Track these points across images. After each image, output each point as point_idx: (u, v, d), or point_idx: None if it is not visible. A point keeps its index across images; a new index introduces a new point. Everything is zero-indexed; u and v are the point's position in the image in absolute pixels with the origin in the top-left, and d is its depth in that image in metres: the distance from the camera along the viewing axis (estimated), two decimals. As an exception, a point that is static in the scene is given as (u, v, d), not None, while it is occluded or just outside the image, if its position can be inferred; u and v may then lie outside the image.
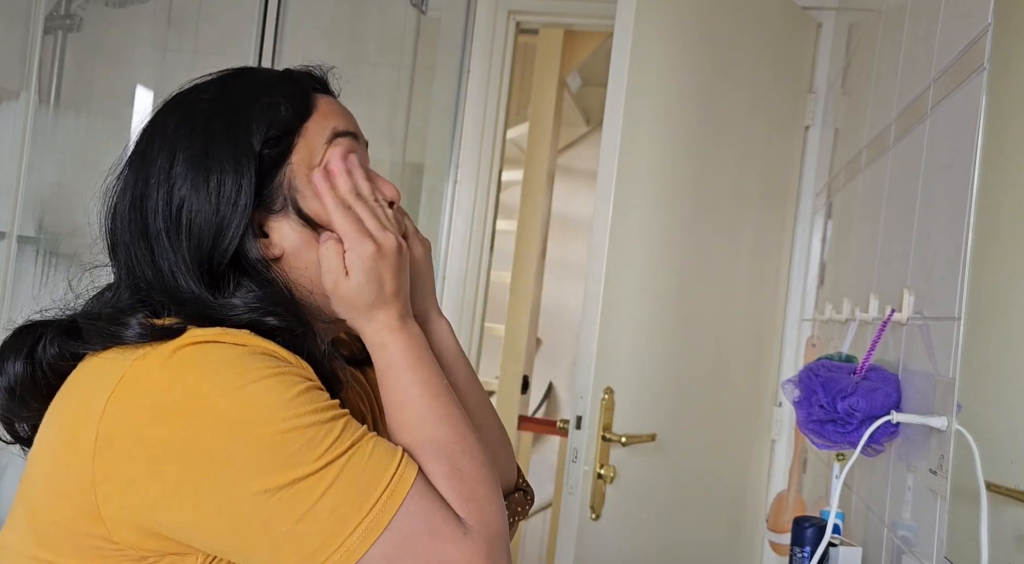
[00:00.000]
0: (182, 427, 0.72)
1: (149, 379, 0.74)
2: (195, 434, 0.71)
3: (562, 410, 4.83)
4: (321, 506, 0.71)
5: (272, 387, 0.74)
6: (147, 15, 2.47)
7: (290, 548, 0.71)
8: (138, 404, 0.73)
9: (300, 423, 0.73)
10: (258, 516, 0.71)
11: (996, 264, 0.98)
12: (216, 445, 0.71)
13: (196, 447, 0.71)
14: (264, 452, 0.71)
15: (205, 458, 0.71)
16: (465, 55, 2.71)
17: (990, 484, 0.91)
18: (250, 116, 0.84)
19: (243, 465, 0.71)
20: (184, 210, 0.82)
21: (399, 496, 0.74)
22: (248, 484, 0.71)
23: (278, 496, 0.71)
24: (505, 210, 3.18)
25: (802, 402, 1.28)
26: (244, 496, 0.71)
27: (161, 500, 0.72)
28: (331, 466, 0.72)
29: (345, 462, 0.73)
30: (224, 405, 0.72)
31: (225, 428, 0.72)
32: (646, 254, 2.01)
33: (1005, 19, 1.02)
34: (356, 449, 0.74)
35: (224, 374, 0.74)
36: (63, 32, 2.18)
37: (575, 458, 1.86)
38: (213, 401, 0.72)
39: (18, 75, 2.01)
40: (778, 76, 2.39)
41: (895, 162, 1.49)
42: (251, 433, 0.72)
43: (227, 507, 0.71)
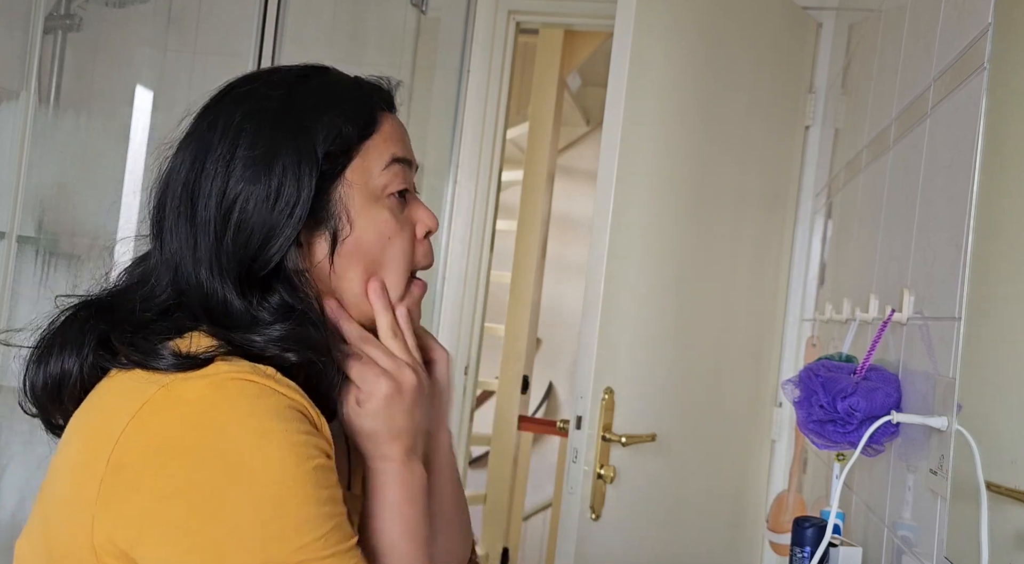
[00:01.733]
0: (197, 468, 0.70)
1: (172, 411, 0.72)
2: (208, 478, 0.70)
3: (562, 410, 4.83)
4: None
5: (293, 452, 0.72)
6: (147, 15, 2.46)
7: None
8: (157, 434, 0.72)
9: (305, 502, 0.72)
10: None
11: (996, 264, 0.98)
12: (226, 495, 0.70)
13: (207, 491, 0.70)
14: (267, 517, 0.70)
15: (212, 505, 0.70)
16: (465, 55, 2.71)
17: (990, 484, 0.91)
18: (317, 126, 0.83)
19: (245, 523, 0.70)
20: (237, 206, 0.80)
21: None
22: (243, 543, 0.70)
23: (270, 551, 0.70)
24: (505, 210, 3.18)
25: (802, 402, 1.28)
26: (236, 554, 0.70)
27: (155, 535, 0.71)
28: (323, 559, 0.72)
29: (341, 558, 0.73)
30: (245, 455, 0.71)
31: (240, 480, 0.70)
32: (646, 254, 2.01)
33: (1005, 19, 1.02)
34: (333, 559, 0.73)
35: (249, 421, 0.72)
36: (63, 32, 2.18)
37: (575, 458, 1.86)
38: (234, 447, 0.71)
39: (18, 75, 2.01)
40: (778, 76, 2.39)
41: (895, 162, 1.49)
42: (261, 493, 0.71)
43: (217, 559, 0.70)
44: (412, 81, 2.69)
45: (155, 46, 2.47)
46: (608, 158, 1.88)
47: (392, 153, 0.87)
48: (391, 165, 0.86)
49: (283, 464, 0.71)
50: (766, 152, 2.38)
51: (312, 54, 0.93)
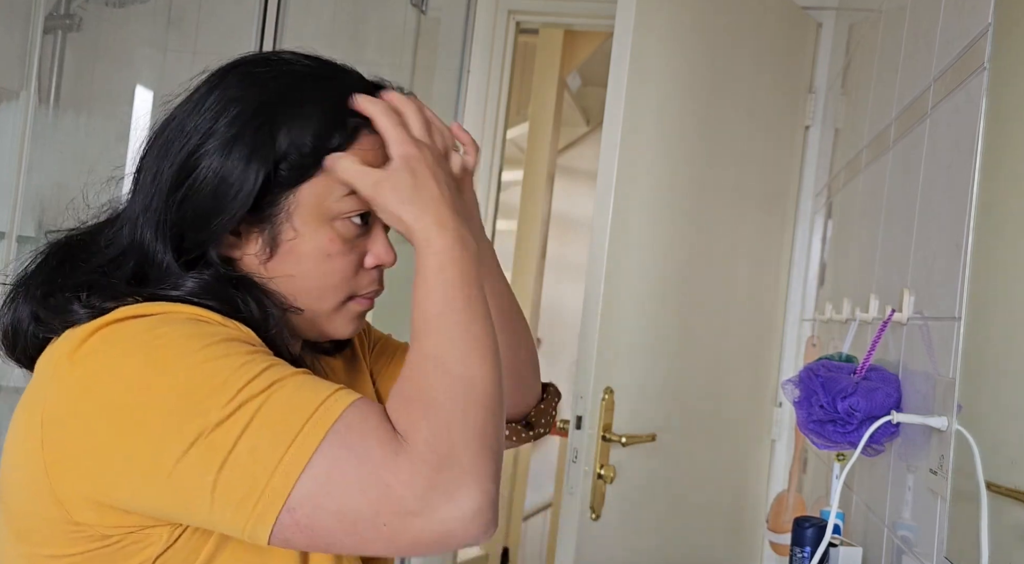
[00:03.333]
0: (106, 399, 0.71)
1: (74, 358, 0.74)
2: (117, 403, 0.71)
3: (562, 410, 4.83)
4: (240, 450, 0.67)
5: (183, 341, 0.73)
6: (147, 15, 2.47)
7: (223, 500, 0.68)
8: (69, 384, 0.73)
9: (210, 368, 0.71)
10: (185, 473, 0.68)
11: (996, 264, 0.98)
12: (134, 409, 0.70)
13: (119, 416, 0.70)
14: (177, 404, 0.69)
15: (128, 424, 0.70)
16: (465, 55, 2.71)
17: (990, 484, 0.91)
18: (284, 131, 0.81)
19: (160, 423, 0.69)
20: (192, 176, 0.80)
21: (321, 429, 0.68)
22: (169, 441, 0.69)
23: (197, 447, 0.68)
24: (505, 210, 3.18)
25: (802, 402, 1.28)
26: (168, 455, 0.69)
27: (101, 473, 0.71)
28: (245, 406, 0.69)
29: (263, 401, 0.69)
30: (137, 366, 0.71)
31: (139, 389, 0.71)
32: (646, 254, 2.01)
33: (1005, 19, 1.02)
34: (278, 387, 0.70)
35: (139, 338, 0.73)
36: (63, 32, 2.18)
37: (575, 458, 1.86)
38: (127, 364, 0.72)
39: (18, 75, 2.01)
40: (778, 76, 2.39)
41: (895, 162, 1.49)
42: (161, 388, 0.70)
43: (157, 470, 0.69)
44: (412, 81, 2.69)
45: (155, 46, 2.47)
46: (608, 158, 1.88)
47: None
48: (353, 195, 0.83)
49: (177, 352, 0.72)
50: (766, 152, 2.38)
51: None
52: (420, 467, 0.68)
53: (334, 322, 0.87)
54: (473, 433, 0.70)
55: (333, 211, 0.83)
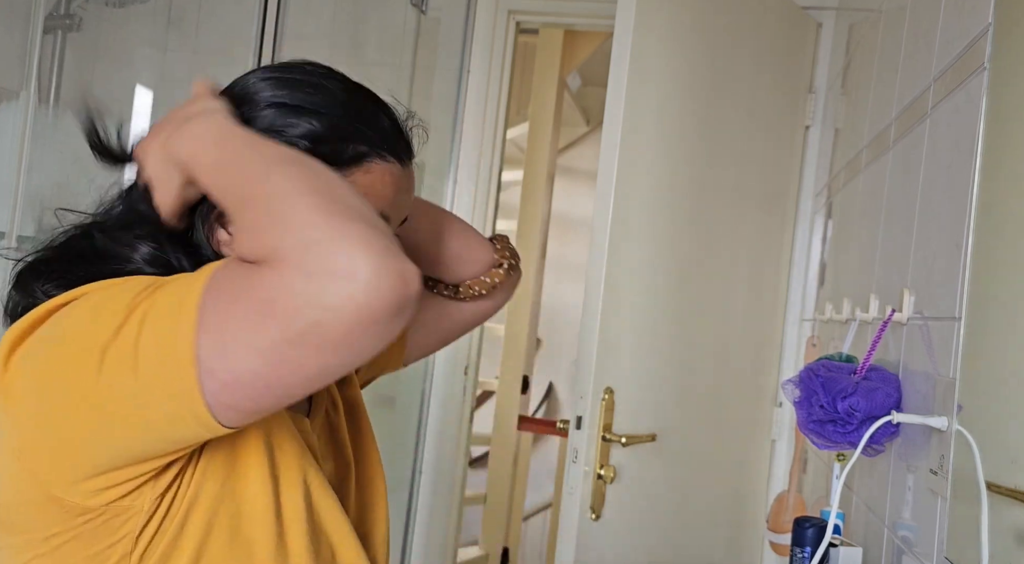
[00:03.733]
0: (33, 370, 0.73)
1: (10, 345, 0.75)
2: (41, 369, 0.72)
3: (562, 410, 4.83)
4: (143, 343, 0.67)
5: (83, 302, 0.74)
6: (147, 15, 2.47)
7: (154, 398, 0.68)
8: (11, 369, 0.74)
9: (105, 292, 0.73)
10: (111, 392, 0.69)
11: (996, 264, 0.98)
12: (52, 365, 0.71)
13: (44, 380, 0.72)
14: (83, 339, 0.70)
15: (53, 384, 0.71)
16: (465, 55, 2.71)
17: (990, 484, 0.91)
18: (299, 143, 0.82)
19: (74, 366, 0.70)
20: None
21: (196, 292, 0.67)
22: (84, 374, 0.69)
23: (106, 361, 0.68)
24: (505, 210, 3.18)
25: (802, 402, 1.28)
26: (89, 386, 0.69)
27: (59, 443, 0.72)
28: (139, 307, 0.69)
29: (150, 295, 0.69)
30: (50, 328, 0.73)
31: (52, 347, 0.72)
32: (646, 254, 2.01)
33: (1005, 19, 1.02)
34: (163, 282, 0.71)
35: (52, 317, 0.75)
36: (63, 32, 2.18)
37: (575, 458, 1.86)
38: (45, 333, 0.73)
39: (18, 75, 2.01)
40: (778, 76, 2.39)
41: (895, 162, 1.49)
42: (67, 334, 0.72)
43: (90, 406, 0.70)
44: (412, 81, 2.69)
45: (155, 46, 2.47)
46: (608, 158, 1.88)
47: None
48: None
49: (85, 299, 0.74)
50: (766, 152, 2.38)
51: (312, 54, 0.93)
52: (286, 269, 0.64)
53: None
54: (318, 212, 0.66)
55: None
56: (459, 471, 2.75)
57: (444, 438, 2.72)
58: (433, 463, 2.71)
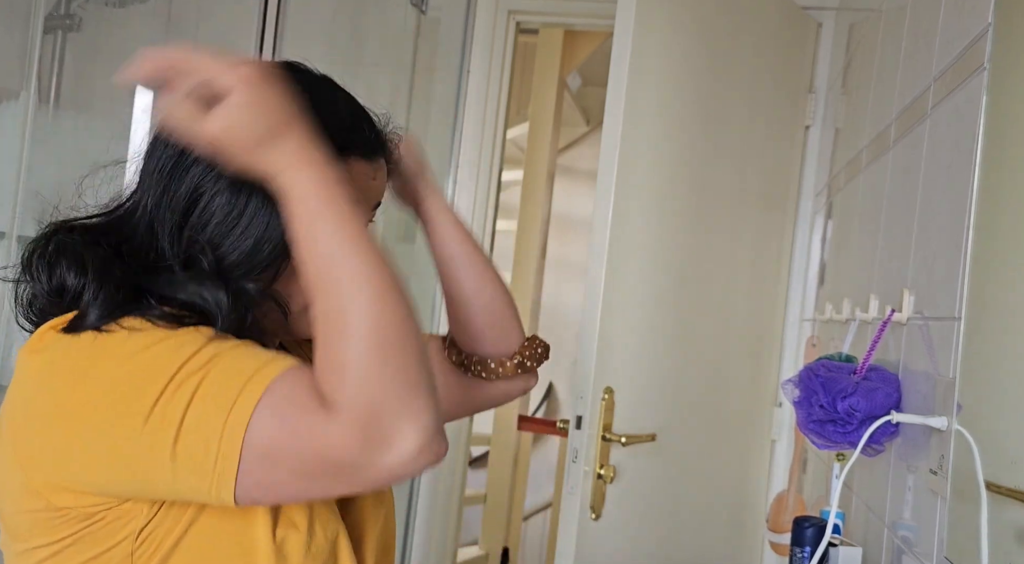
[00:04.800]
0: (57, 393, 0.73)
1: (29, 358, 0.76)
2: (64, 395, 0.72)
3: (562, 410, 4.83)
4: (189, 421, 0.68)
5: (126, 334, 0.74)
6: (147, 15, 2.47)
7: (184, 471, 0.69)
8: (24, 383, 0.76)
9: (151, 349, 0.72)
10: (141, 451, 0.69)
11: (996, 264, 0.98)
12: (81, 398, 0.72)
13: (68, 407, 0.72)
14: (122, 389, 0.70)
15: (78, 415, 0.71)
16: (465, 55, 2.71)
17: (990, 484, 0.91)
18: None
19: (110, 410, 0.70)
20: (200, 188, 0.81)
21: (254, 396, 0.68)
22: (118, 425, 0.70)
23: (148, 425, 0.69)
24: (505, 210, 3.18)
25: (802, 402, 1.28)
26: (120, 438, 0.70)
27: (67, 464, 0.73)
28: (190, 379, 0.69)
29: (205, 374, 0.70)
30: (81, 358, 0.73)
31: (83, 379, 0.72)
32: (646, 254, 2.01)
33: (1005, 19, 1.02)
34: (217, 359, 0.71)
35: (86, 337, 0.75)
36: (63, 32, 2.18)
37: (575, 458, 1.86)
38: (72, 356, 0.74)
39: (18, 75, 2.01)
40: (778, 76, 2.39)
41: (895, 162, 1.49)
42: (104, 373, 0.72)
43: (116, 454, 0.70)
44: (412, 81, 2.69)
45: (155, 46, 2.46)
46: (608, 158, 1.88)
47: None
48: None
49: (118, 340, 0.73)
50: (766, 152, 2.38)
51: (312, 54, 0.93)
52: (349, 429, 0.67)
53: (300, 324, 0.87)
54: (392, 377, 0.69)
55: None
56: (459, 471, 2.75)
57: (444, 438, 2.71)
58: (433, 463, 2.70)
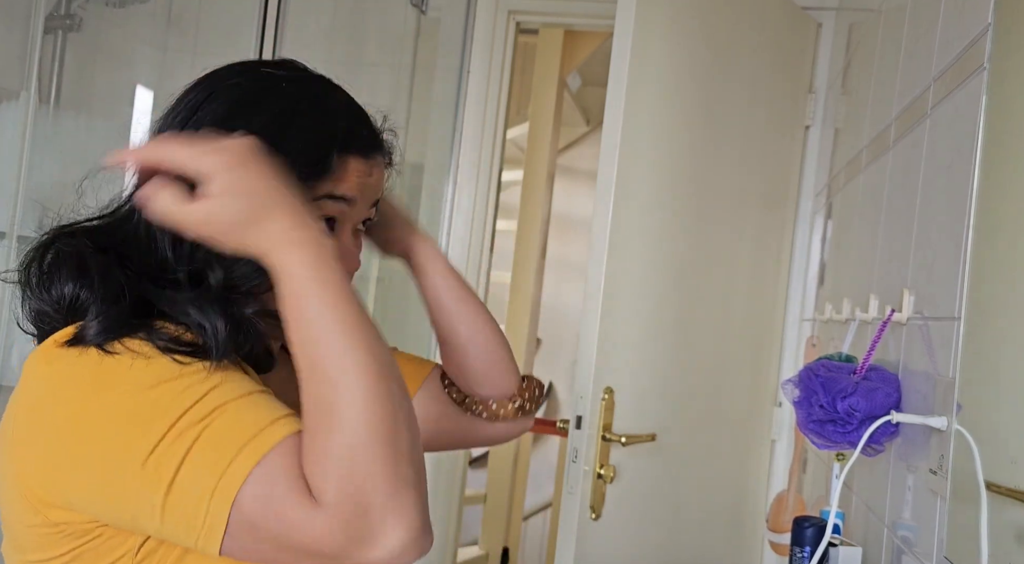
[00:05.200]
0: (56, 414, 0.72)
1: (34, 372, 0.76)
2: (65, 419, 0.72)
3: (562, 410, 4.83)
4: (183, 474, 0.68)
5: (130, 362, 0.73)
6: (147, 15, 2.47)
7: (172, 520, 0.69)
8: (26, 398, 0.75)
9: (156, 389, 0.71)
10: (133, 493, 0.69)
11: (996, 264, 0.98)
12: (82, 426, 0.71)
13: (69, 432, 0.71)
14: (122, 426, 0.70)
15: (78, 442, 0.71)
16: (465, 55, 2.71)
17: (990, 484, 0.91)
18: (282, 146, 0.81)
19: (107, 443, 0.70)
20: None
21: (249, 464, 0.67)
22: (116, 463, 0.69)
23: (144, 469, 0.68)
24: (505, 210, 3.18)
25: (802, 402, 1.28)
26: (116, 476, 0.69)
27: (61, 482, 0.72)
28: (189, 430, 0.69)
29: (205, 427, 0.69)
30: (85, 384, 0.72)
31: (86, 407, 0.71)
32: (646, 254, 2.01)
33: (1005, 19, 1.02)
34: (220, 412, 0.70)
35: (91, 357, 0.74)
36: (63, 32, 2.19)
37: (575, 458, 1.86)
38: (77, 378, 0.73)
39: (18, 75, 2.01)
40: (778, 76, 2.39)
41: (895, 162, 1.49)
42: (108, 407, 0.71)
43: (107, 489, 0.70)
44: (412, 81, 2.69)
45: (155, 46, 2.47)
46: (608, 158, 1.88)
47: (328, 190, 0.84)
48: (321, 199, 0.83)
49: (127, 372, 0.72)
50: (766, 152, 2.38)
51: (312, 54, 0.93)
52: (333, 522, 0.66)
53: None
54: (381, 475, 0.67)
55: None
56: (459, 471, 2.75)
57: (444, 438, 2.71)
58: (433, 463, 2.71)
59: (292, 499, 0.67)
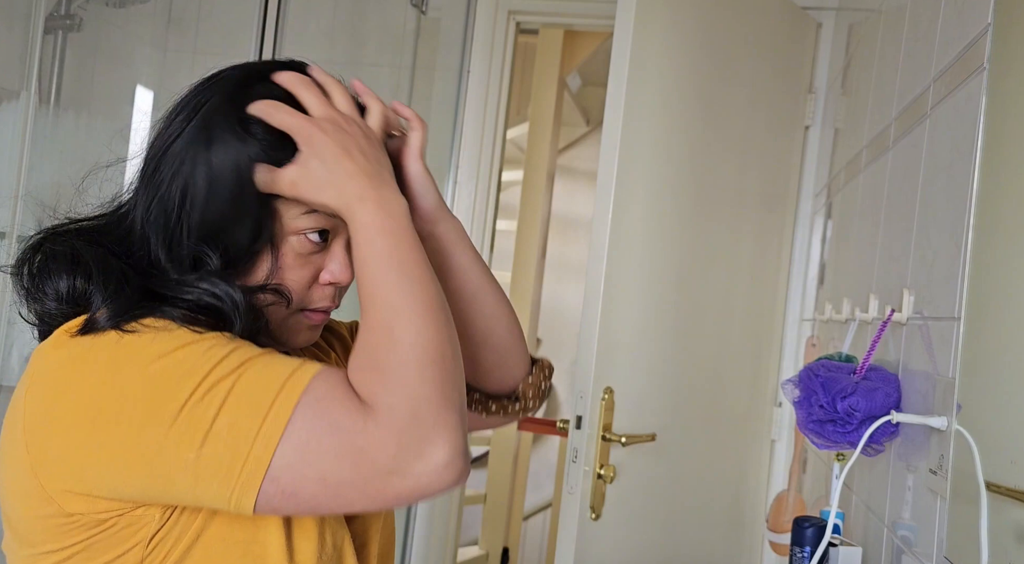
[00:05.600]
0: (79, 396, 0.73)
1: (48, 360, 0.77)
2: (90, 400, 0.73)
3: (562, 410, 4.83)
4: (219, 425, 0.70)
5: (152, 335, 0.75)
6: (147, 15, 2.47)
7: (207, 474, 0.70)
8: (43, 385, 0.76)
9: (179, 355, 0.73)
10: (166, 453, 0.71)
11: (996, 264, 0.98)
12: (108, 403, 0.72)
13: (94, 412, 0.72)
14: (149, 392, 0.71)
15: (103, 418, 0.72)
16: (465, 55, 2.71)
17: (990, 484, 0.91)
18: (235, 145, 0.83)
19: (135, 412, 0.71)
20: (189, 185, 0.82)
21: (292, 399, 0.71)
22: (147, 428, 0.71)
23: (175, 427, 0.70)
24: (505, 210, 3.18)
25: (802, 402, 1.28)
26: (147, 441, 0.71)
27: (84, 468, 0.73)
28: (219, 385, 0.71)
29: (236, 379, 0.72)
30: (106, 361, 0.74)
31: (110, 383, 0.72)
32: (646, 254, 2.01)
33: (1005, 19, 1.02)
34: (248, 365, 0.73)
35: (109, 337, 0.75)
36: (63, 32, 2.18)
37: (575, 458, 1.86)
38: (96, 358, 0.74)
39: (18, 75, 2.01)
40: (778, 76, 2.39)
41: (895, 162, 1.49)
42: (132, 378, 0.72)
43: (138, 456, 0.71)
44: (412, 81, 2.69)
45: (155, 46, 2.47)
46: (608, 158, 1.88)
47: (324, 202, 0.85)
48: (313, 213, 0.84)
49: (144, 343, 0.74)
50: (766, 152, 2.38)
51: (312, 54, 0.93)
52: (388, 430, 0.71)
53: (283, 332, 0.88)
54: (431, 392, 0.73)
55: (289, 228, 0.84)
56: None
57: (444, 438, 2.71)
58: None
59: (347, 408, 0.72)
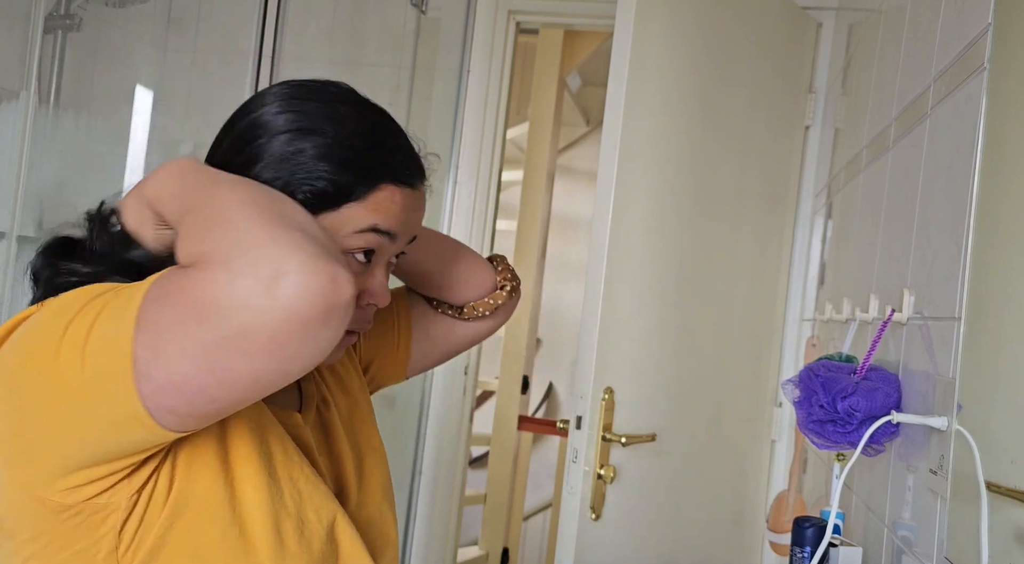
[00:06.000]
0: (4, 369, 0.73)
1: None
2: (13, 364, 0.73)
3: (562, 410, 4.83)
4: (91, 344, 0.68)
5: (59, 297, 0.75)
6: (147, 15, 2.47)
7: (98, 401, 0.69)
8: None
9: (72, 297, 0.73)
10: (64, 385, 0.70)
11: (996, 264, 0.98)
12: (21, 360, 0.72)
13: (16, 375, 0.73)
14: (45, 329, 0.72)
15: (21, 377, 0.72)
16: (465, 55, 2.71)
17: (990, 484, 0.91)
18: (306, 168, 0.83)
19: (36, 357, 0.71)
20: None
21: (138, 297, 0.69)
22: (45, 363, 0.70)
23: (63, 350, 0.69)
24: (505, 210, 3.18)
25: (802, 402, 1.28)
26: (50, 375, 0.70)
27: (26, 433, 0.72)
28: (94, 304, 0.70)
29: (108, 299, 0.71)
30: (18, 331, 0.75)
31: (18, 344, 0.73)
32: (646, 254, 2.01)
33: (1005, 19, 1.02)
34: (124, 288, 0.72)
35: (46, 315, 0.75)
36: (63, 32, 2.18)
37: (575, 458, 1.86)
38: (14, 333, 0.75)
39: (18, 75, 2.01)
40: (778, 76, 2.39)
41: (895, 162, 1.49)
42: (36, 329, 0.73)
43: (49, 401, 0.70)
44: (412, 81, 2.69)
45: (155, 46, 2.47)
46: (608, 158, 1.88)
47: (372, 223, 0.85)
48: (365, 233, 0.85)
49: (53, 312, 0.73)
50: (766, 152, 2.38)
51: (312, 54, 0.93)
52: (214, 268, 0.65)
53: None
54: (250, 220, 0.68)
55: (342, 246, 0.85)
56: (459, 471, 2.75)
57: (444, 438, 2.72)
58: (433, 463, 2.71)
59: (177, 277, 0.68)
